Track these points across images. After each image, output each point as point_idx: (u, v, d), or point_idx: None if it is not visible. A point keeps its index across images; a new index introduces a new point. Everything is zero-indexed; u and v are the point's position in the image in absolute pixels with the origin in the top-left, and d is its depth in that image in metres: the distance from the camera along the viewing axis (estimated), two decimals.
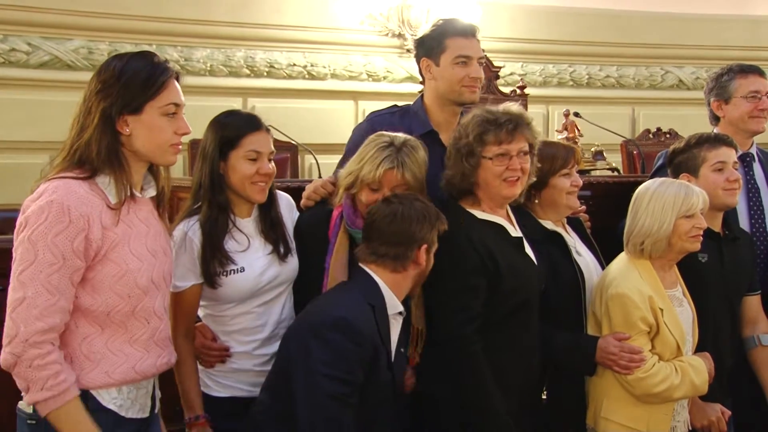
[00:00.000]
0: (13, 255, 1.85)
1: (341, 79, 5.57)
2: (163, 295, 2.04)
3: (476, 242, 2.36)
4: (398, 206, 2.26)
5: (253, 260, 2.33)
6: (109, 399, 1.92)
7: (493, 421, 2.34)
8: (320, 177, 3.42)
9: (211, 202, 2.33)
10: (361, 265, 2.28)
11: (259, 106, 5.44)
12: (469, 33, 2.79)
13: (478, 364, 2.34)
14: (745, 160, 3.17)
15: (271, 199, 2.41)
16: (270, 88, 5.51)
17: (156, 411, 2.09)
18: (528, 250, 2.52)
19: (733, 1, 6.23)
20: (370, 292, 2.22)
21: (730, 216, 2.95)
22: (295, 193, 2.62)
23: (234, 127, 2.30)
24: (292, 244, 2.44)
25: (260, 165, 2.32)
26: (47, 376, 1.80)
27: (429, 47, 2.82)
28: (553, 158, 2.63)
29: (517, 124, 2.42)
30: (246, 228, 2.37)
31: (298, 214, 2.55)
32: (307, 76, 5.51)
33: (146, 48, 5.22)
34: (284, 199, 2.53)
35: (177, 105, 1.97)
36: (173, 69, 2.00)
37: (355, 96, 5.62)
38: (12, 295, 1.82)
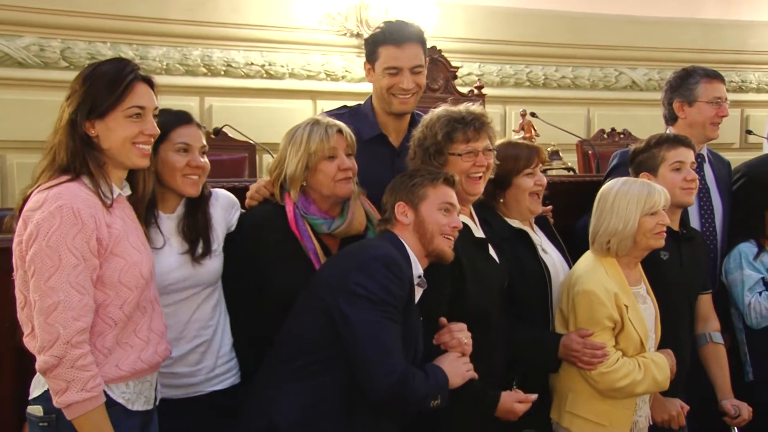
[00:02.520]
0: (25, 265, 1.92)
1: (299, 78, 5.54)
2: (154, 286, 2.13)
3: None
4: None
5: (163, 260, 2.27)
6: (118, 393, 1.99)
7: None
8: None
9: None
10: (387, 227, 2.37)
11: (216, 105, 5.39)
12: (402, 41, 2.72)
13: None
14: (697, 161, 3.23)
15: (201, 197, 2.37)
16: (227, 87, 5.45)
17: (157, 403, 2.14)
18: (491, 250, 2.54)
19: (685, 5, 6.36)
20: (399, 248, 2.29)
21: (683, 216, 3.01)
22: None
23: (162, 122, 2.25)
24: (216, 245, 2.38)
25: (191, 157, 2.31)
26: (89, 377, 1.88)
27: (368, 52, 2.81)
28: (517, 158, 2.67)
29: (482, 123, 2.50)
30: (165, 225, 2.32)
31: (238, 213, 2.50)
32: (265, 76, 5.47)
33: (100, 46, 5.16)
34: (223, 198, 2.48)
35: (142, 108, 2.03)
36: (139, 73, 2.06)
37: (313, 95, 5.59)
38: (42, 302, 1.88)
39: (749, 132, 5.43)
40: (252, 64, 5.45)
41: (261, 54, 5.47)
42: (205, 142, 2.39)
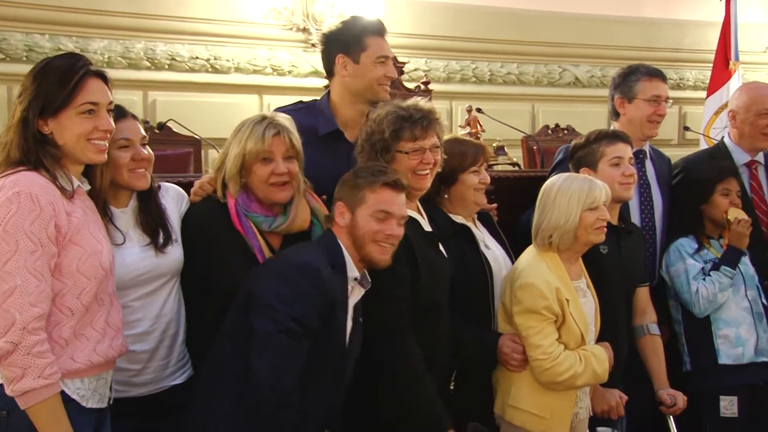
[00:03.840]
0: None
1: (245, 73, 5.49)
2: (113, 281, 2.10)
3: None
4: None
5: (125, 254, 2.25)
6: (73, 389, 1.97)
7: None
8: None
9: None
10: (329, 226, 2.36)
11: (160, 99, 5.31)
12: (384, 32, 2.84)
13: (413, 350, 2.40)
14: (638, 157, 3.30)
15: (151, 188, 2.35)
16: (171, 81, 5.37)
17: (111, 402, 2.11)
18: (440, 245, 2.57)
19: (625, 4, 6.48)
20: (333, 251, 2.27)
21: (623, 210, 3.07)
22: None
23: None
24: (175, 235, 2.38)
25: (134, 151, 2.28)
26: (46, 364, 1.85)
27: (346, 44, 2.80)
28: (464, 155, 2.70)
29: (430, 121, 2.51)
30: (121, 220, 2.30)
31: (188, 205, 2.49)
32: (210, 70, 5.40)
33: (38, 37, 5.02)
34: (172, 190, 2.48)
35: (94, 104, 2.01)
36: (91, 68, 2.03)
37: (259, 90, 5.55)
38: None
39: (686, 128, 5.56)
40: (197, 58, 5.37)
41: (206, 48, 5.40)
42: (143, 132, 2.37)
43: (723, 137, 3.72)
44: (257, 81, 5.55)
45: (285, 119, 2.43)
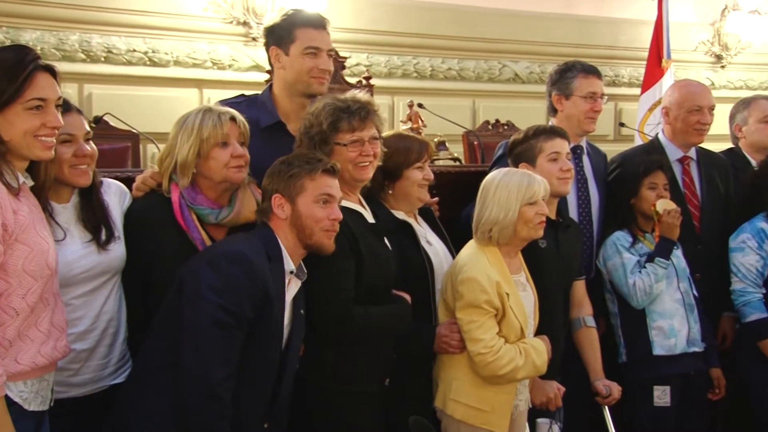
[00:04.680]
0: None
1: (185, 66, 5.40)
2: (57, 280, 2.06)
3: (343, 226, 2.39)
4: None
5: (67, 250, 2.22)
6: (16, 392, 1.93)
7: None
8: None
9: None
10: (264, 220, 2.33)
11: (96, 92, 5.18)
12: (319, 24, 2.82)
13: (369, 321, 2.44)
14: (576, 153, 3.36)
15: (92, 183, 2.32)
16: (108, 74, 5.24)
17: (52, 404, 2.07)
18: (384, 237, 2.58)
19: (562, 2, 6.59)
20: (269, 244, 2.25)
21: (561, 205, 3.12)
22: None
23: None
24: (117, 232, 2.35)
25: (76, 147, 2.25)
26: None
27: (278, 36, 2.81)
28: (408, 151, 2.71)
29: (368, 112, 2.52)
30: (62, 216, 2.26)
31: (130, 202, 2.47)
32: (148, 63, 5.29)
33: None
34: (114, 187, 2.45)
35: (43, 100, 1.95)
36: (39, 63, 1.97)
37: (199, 84, 5.46)
38: None
39: (622, 125, 5.68)
40: (134, 50, 5.26)
41: (144, 41, 5.28)
42: (88, 127, 2.33)
43: (657, 133, 3.81)
44: (197, 75, 5.46)
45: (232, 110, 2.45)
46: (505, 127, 5.48)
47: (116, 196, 2.43)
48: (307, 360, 2.42)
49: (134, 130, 4.28)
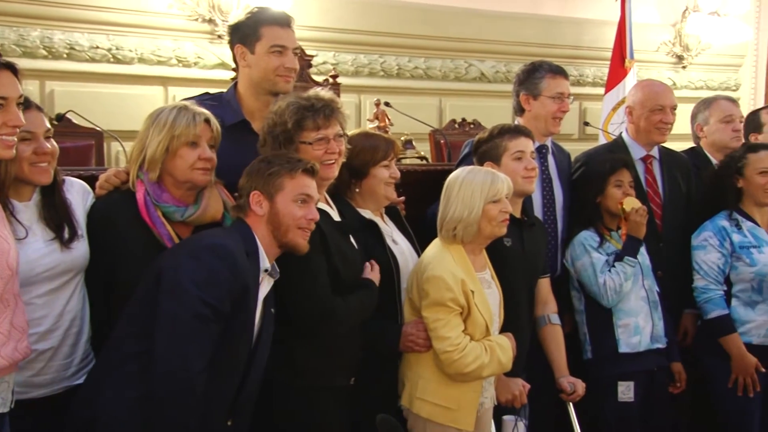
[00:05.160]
0: None
1: (149, 63, 5.33)
2: (17, 280, 2.04)
3: None
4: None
5: (29, 249, 2.19)
6: None
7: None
8: None
9: None
10: (240, 216, 2.32)
11: (58, 90, 5.10)
12: (285, 23, 2.81)
13: (350, 310, 2.46)
14: (541, 152, 3.38)
15: (55, 182, 2.29)
16: (71, 71, 5.16)
17: (12, 405, 2.03)
18: (350, 236, 2.59)
19: (528, 1, 6.64)
20: (247, 239, 2.24)
21: (526, 203, 3.14)
22: None
23: None
24: (81, 230, 2.33)
25: (36, 145, 2.21)
26: None
27: (244, 34, 2.80)
28: (375, 149, 2.72)
29: (332, 110, 2.51)
30: (24, 214, 2.23)
31: (93, 200, 2.44)
32: (112, 60, 5.22)
33: None
34: (76, 185, 2.42)
35: (4, 98, 1.93)
36: (1, 59, 1.95)
37: (164, 81, 5.40)
38: None
39: (586, 124, 5.76)
40: (97, 47, 5.18)
41: (107, 37, 5.21)
42: (49, 125, 2.29)
43: (621, 132, 3.85)
44: (162, 72, 5.40)
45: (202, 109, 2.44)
46: (472, 125, 5.51)
47: (79, 195, 2.40)
48: (273, 357, 2.41)
49: (98, 128, 4.23)
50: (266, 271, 2.29)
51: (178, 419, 2.04)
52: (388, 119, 4.64)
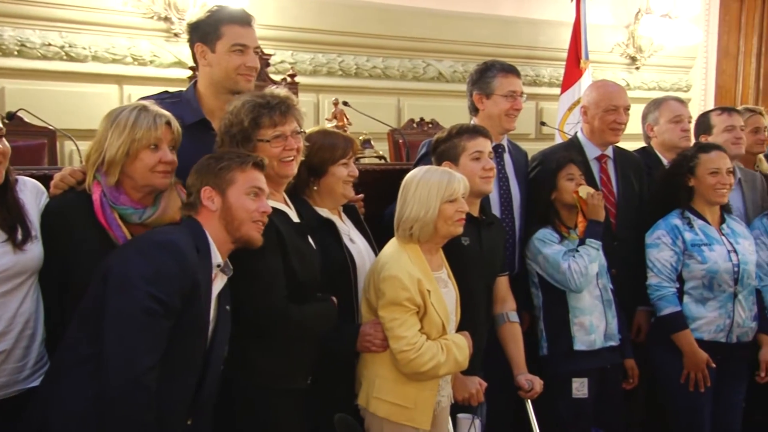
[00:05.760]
0: None
1: (104, 61, 5.24)
2: None
3: (269, 225, 2.38)
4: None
5: None
6: None
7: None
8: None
9: None
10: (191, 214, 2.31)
11: (9, 87, 4.99)
12: (246, 21, 2.80)
13: (304, 319, 2.46)
14: (498, 151, 3.41)
15: (7, 182, 2.25)
16: (22, 68, 5.05)
17: None
18: (308, 236, 2.58)
19: (484, 2, 6.68)
20: (197, 236, 2.23)
21: (484, 202, 3.17)
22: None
23: None
24: (34, 231, 2.29)
25: None
26: None
27: (204, 33, 2.77)
28: (333, 147, 2.72)
29: (288, 106, 2.52)
30: None
31: (47, 200, 2.40)
32: (65, 58, 5.12)
33: None
34: (30, 185, 2.38)
35: None
36: None
37: (119, 80, 5.32)
38: None
39: (543, 123, 5.81)
40: (50, 44, 5.08)
41: (60, 34, 5.11)
42: (0, 124, 2.25)
43: (576, 132, 3.91)
44: (116, 70, 5.31)
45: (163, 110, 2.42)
46: (430, 125, 5.53)
47: (32, 195, 2.36)
48: (231, 357, 2.40)
49: (51, 127, 4.15)
50: (219, 267, 2.28)
51: (132, 417, 2.02)
52: (347, 118, 4.64)
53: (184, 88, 2.95)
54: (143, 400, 2.03)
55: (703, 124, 4.07)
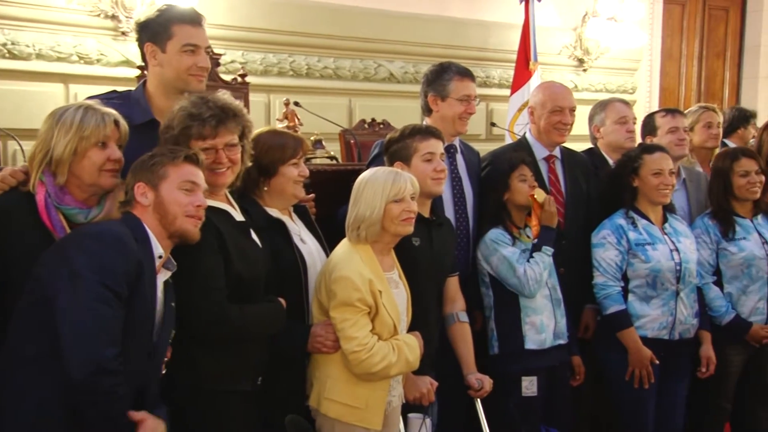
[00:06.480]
0: None
1: (48, 60, 5.12)
2: None
3: (209, 225, 2.37)
4: None
5: None
6: None
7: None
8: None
9: None
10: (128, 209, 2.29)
11: None
12: (197, 21, 2.77)
13: (245, 320, 2.43)
14: (450, 152, 3.44)
15: None
16: None
17: None
18: (253, 235, 2.57)
19: (434, 3, 6.70)
20: (135, 228, 2.21)
21: (436, 203, 3.19)
22: None
23: None
24: None
25: None
26: None
27: (154, 32, 2.74)
28: (283, 148, 2.71)
29: (220, 119, 2.46)
30: None
31: None
32: (7, 55, 4.99)
33: None
34: None
35: None
36: None
37: (64, 79, 5.21)
38: None
39: (493, 124, 5.87)
40: None
41: (2, 32, 4.98)
42: None
43: (525, 133, 3.96)
44: (62, 69, 5.20)
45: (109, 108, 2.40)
46: (381, 126, 5.53)
47: None
48: (177, 360, 2.38)
49: None
50: (161, 257, 2.26)
51: (104, 402, 2.02)
52: (298, 119, 4.62)
53: (132, 88, 2.91)
54: (111, 383, 2.02)
55: (649, 125, 4.16)
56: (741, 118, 5.33)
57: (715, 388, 3.74)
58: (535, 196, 3.32)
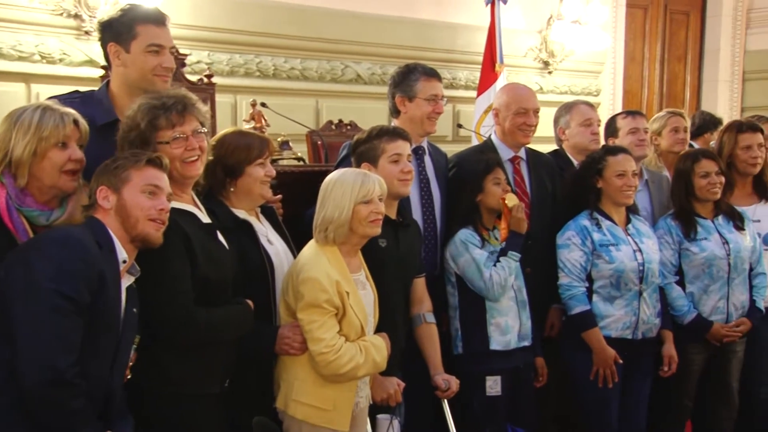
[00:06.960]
0: None
1: (9, 59, 5.03)
2: None
3: (174, 227, 2.35)
4: None
5: None
6: None
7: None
8: None
9: None
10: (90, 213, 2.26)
11: None
12: (161, 21, 2.75)
13: (212, 323, 2.41)
14: (418, 153, 3.46)
15: None
16: None
17: None
18: (220, 236, 2.56)
19: (402, 4, 6.71)
20: (98, 232, 2.19)
21: (403, 204, 3.20)
22: None
23: None
24: None
25: None
26: None
27: (118, 32, 2.71)
28: (249, 148, 2.71)
29: (185, 105, 2.48)
30: None
31: None
32: None
33: None
34: None
35: None
36: None
37: (26, 78, 5.12)
38: None
39: (460, 126, 5.90)
40: None
41: None
42: None
43: (491, 134, 3.99)
44: (23, 68, 5.11)
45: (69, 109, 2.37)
46: (348, 127, 5.53)
47: None
48: (144, 365, 2.36)
49: None
50: (125, 262, 2.24)
51: (60, 413, 2.01)
52: (265, 120, 4.60)
53: (95, 88, 2.88)
54: (66, 394, 2.00)
55: (611, 127, 4.22)
56: (710, 123, 5.48)
57: (677, 386, 3.80)
58: (506, 201, 3.34)
